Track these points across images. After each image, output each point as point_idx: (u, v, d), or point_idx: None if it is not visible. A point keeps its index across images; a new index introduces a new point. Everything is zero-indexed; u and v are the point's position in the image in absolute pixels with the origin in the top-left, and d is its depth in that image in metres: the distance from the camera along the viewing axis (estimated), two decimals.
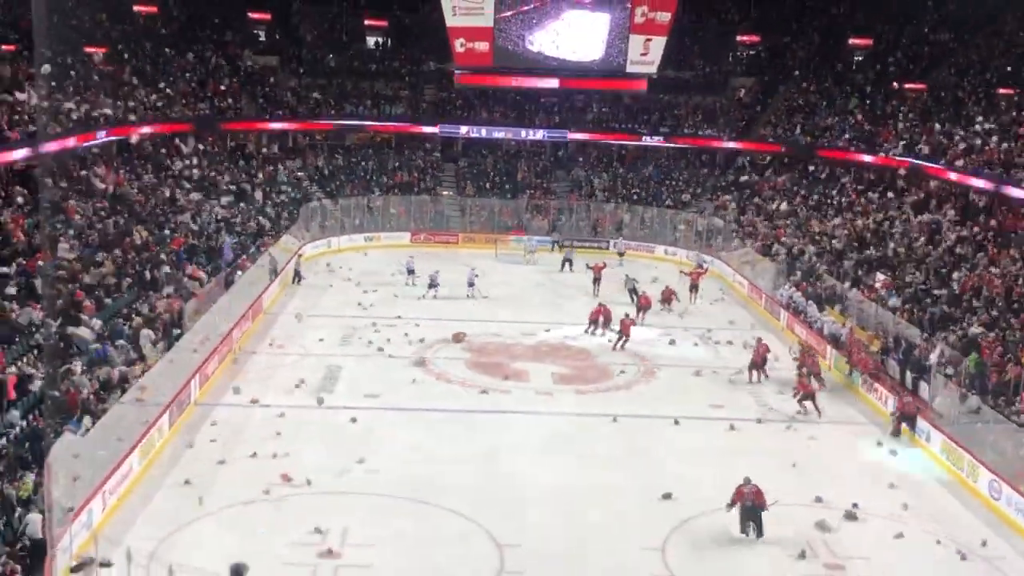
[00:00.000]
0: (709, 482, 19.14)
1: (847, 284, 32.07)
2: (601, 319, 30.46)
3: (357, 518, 17.37)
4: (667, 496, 18.79)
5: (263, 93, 47.97)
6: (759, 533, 17.80)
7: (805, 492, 19.21)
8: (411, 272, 35.68)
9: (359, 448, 20.58)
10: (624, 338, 28.94)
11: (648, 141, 49.63)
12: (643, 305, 32.29)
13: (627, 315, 29.95)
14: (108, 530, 16.13)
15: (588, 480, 19.46)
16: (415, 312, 32.02)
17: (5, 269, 23.10)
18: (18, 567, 13.77)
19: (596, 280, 35.49)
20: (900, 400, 23.44)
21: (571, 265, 38.96)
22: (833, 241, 36.47)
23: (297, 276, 35.77)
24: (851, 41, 49.62)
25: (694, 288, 35.29)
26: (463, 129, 49.49)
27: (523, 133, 49.70)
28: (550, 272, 39.34)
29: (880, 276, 31.51)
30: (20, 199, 27.39)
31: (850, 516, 18.33)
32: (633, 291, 33.70)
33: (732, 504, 17.98)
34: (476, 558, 16.25)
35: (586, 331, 30.42)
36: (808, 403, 23.97)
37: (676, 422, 22.96)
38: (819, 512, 18.37)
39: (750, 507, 17.75)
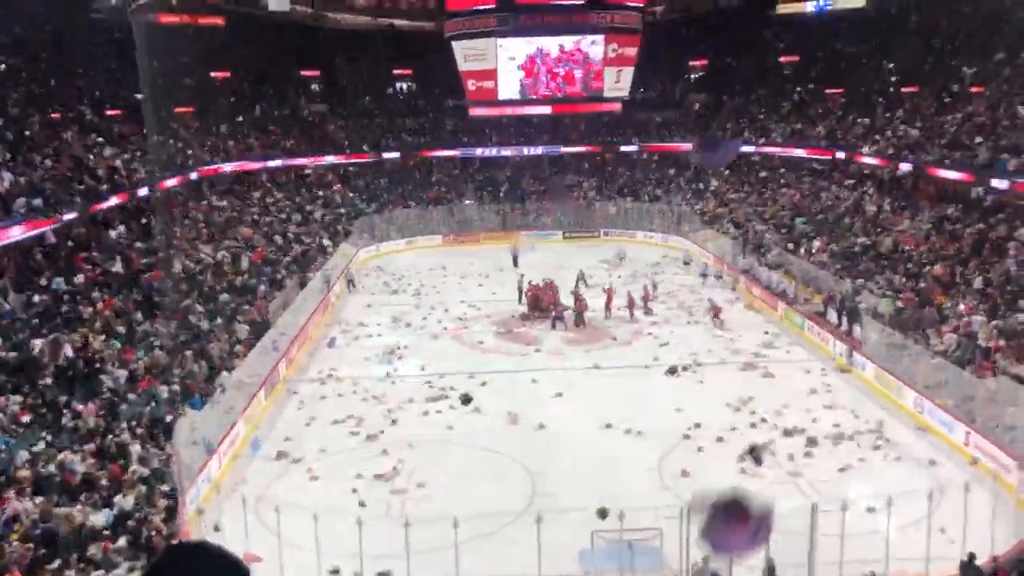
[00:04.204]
0: (686, 413, 19.29)
1: (792, 248, 31.92)
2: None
3: (417, 459, 17.55)
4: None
5: (317, 134, 48.00)
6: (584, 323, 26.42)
7: (759, 416, 19.33)
8: (689, 263, 36.67)
9: (414, 406, 20.79)
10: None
11: (625, 149, 49.40)
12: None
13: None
14: (226, 480, 16.39)
15: (595, 418, 19.49)
16: (455, 297, 31.91)
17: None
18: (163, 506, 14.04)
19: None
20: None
21: (516, 261, 35.83)
22: (776, 217, 36.27)
23: (351, 284, 34.63)
24: (781, 59, 49.22)
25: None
26: (478, 151, 49.39)
27: (525, 150, 49.55)
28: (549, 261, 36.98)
29: (816, 242, 31.38)
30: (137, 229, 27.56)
31: (787, 433, 18.24)
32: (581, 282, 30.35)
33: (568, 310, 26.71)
34: (513, 485, 16.40)
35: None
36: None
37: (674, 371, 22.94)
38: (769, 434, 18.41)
39: (578, 314, 26.68)
